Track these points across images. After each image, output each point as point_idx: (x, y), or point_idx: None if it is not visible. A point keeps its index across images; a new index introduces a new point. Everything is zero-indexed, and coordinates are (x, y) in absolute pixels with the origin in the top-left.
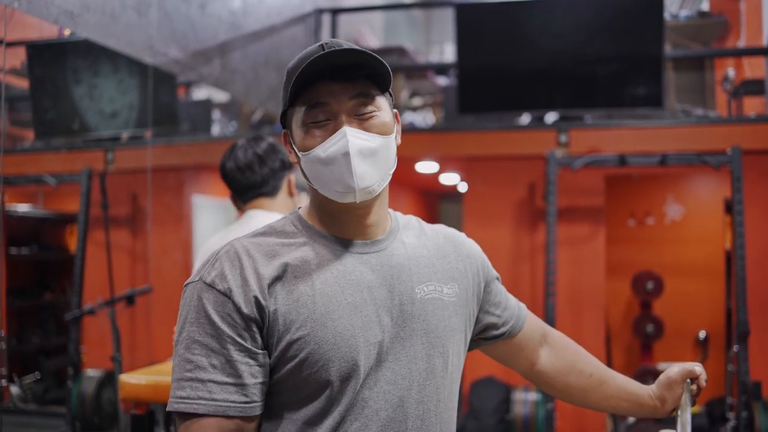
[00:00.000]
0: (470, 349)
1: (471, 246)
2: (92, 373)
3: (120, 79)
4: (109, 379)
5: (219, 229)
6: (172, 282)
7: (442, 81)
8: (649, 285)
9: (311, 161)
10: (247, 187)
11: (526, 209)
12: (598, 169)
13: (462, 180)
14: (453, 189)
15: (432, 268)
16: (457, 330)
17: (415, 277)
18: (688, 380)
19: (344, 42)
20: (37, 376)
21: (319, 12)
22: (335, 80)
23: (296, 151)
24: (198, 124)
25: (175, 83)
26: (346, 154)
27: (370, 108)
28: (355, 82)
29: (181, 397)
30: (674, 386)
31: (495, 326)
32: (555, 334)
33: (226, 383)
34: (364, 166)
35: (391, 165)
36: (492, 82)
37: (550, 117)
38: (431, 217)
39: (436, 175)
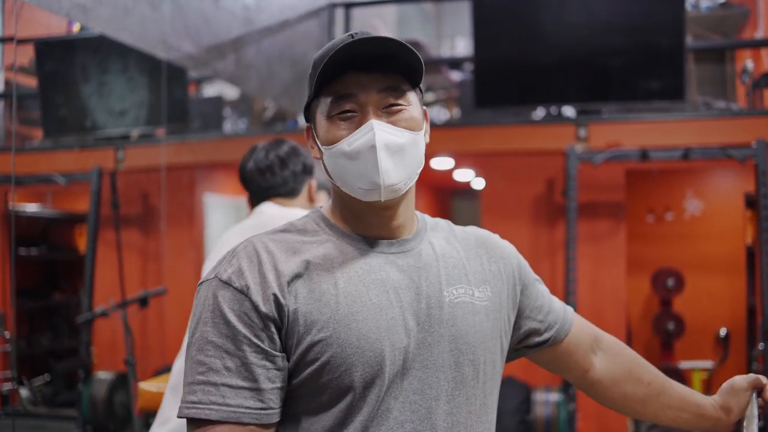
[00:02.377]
0: (514, 358)
1: (505, 247)
2: (104, 375)
3: (129, 76)
4: (121, 382)
5: (230, 228)
6: (184, 282)
7: (455, 76)
8: (670, 282)
9: (335, 155)
10: (265, 189)
11: (544, 205)
12: (619, 164)
13: (478, 176)
14: (466, 185)
15: (462, 269)
16: (490, 336)
17: (444, 280)
18: (755, 391)
19: (374, 33)
20: (47, 378)
21: (333, 6)
22: (364, 71)
23: (319, 145)
24: (209, 122)
25: (186, 80)
26: (372, 148)
27: (399, 102)
28: (385, 74)
29: (192, 402)
30: (740, 394)
31: (537, 332)
32: (608, 338)
33: (242, 387)
34: (390, 162)
35: (419, 163)
36: (508, 76)
37: (570, 111)
38: (444, 215)
39: (449, 172)
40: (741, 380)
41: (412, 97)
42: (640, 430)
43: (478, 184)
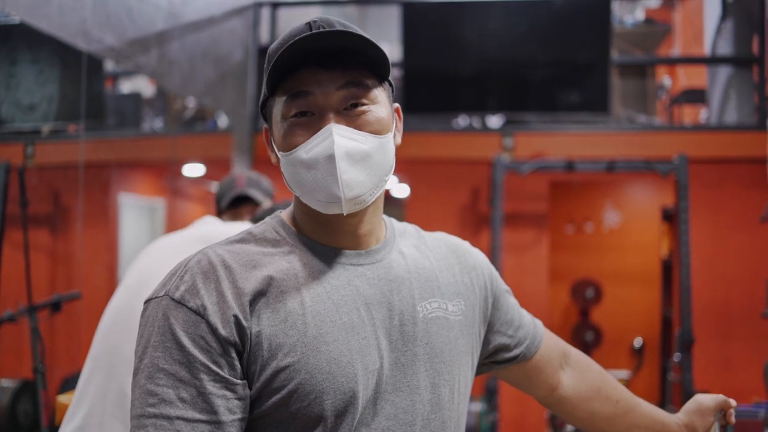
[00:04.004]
0: (480, 373)
1: (477, 256)
2: (6, 383)
3: (41, 68)
4: (26, 391)
5: (143, 231)
6: (96, 286)
7: None
8: (589, 292)
9: (292, 163)
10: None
11: (469, 214)
12: (544, 175)
13: (401, 183)
14: (387, 193)
15: (435, 282)
16: (464, 353)
17: (417, 293)
18: (720, 411)
19: (336, 20)
20: None
21: (258, 5)
22: (322, 66)
23: (276, 150)
24: (126, 119)
25: (102, 74)
26: (331, 158)
27: (363, 101)
28: (347, 69)
29: None
30: (707, 414)
31: (507, 348)
32: (576, 353)
33: (199, 420)
34: (352, 172)
35: (388, 170)
36: (435, 84)
37: (494, 121)
38: None
39: None
40: (708, 400)
41: (379, 94)
42: None
43: (401, 191)
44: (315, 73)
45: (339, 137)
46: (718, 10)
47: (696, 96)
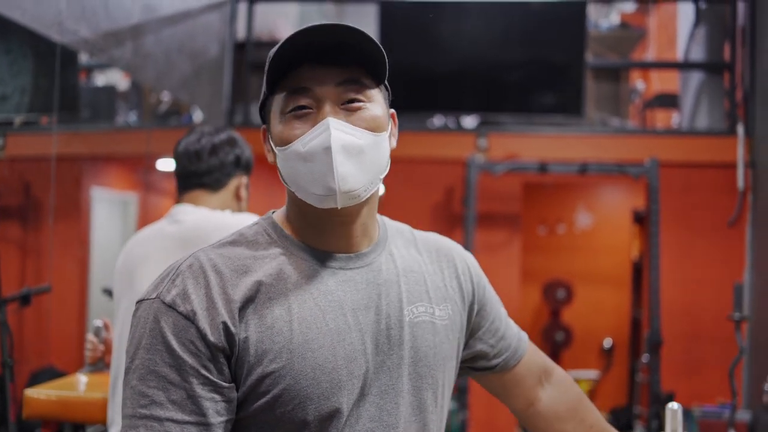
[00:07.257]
0: (458, 376)
1: (467, 260)
2: None
3: (13, 59)
4: None
5: (115, 226)
6: (67, 280)
7: None
8: (560, 293)
9: (289, 157)
10: (189, 173)
11: (442, 214)
12: (517, 176)
13: None
14: None
15: (423, 285)
16: (449, 358)
17: (405, 297)
18: None
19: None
20: None
21: (236, 0)
22: (320, 63)
23: (273, 146)
24: (99, 112)
25: (77, 66)
26: (328, 150)
27: (359, 98)
28: (345, 67)
29: None
30: None
31: (486, 356)
32: (558, 372)
33: (188, 422)
34: (348, 166)
35: (382, 168)
36: (411, 83)
37: (469, 122)
38: None
39: None
40: None
41: (375, 94)
42: None
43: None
44: (314, 69)
45: (336, 131)
46: (691, 16)
47: (668, 100)
